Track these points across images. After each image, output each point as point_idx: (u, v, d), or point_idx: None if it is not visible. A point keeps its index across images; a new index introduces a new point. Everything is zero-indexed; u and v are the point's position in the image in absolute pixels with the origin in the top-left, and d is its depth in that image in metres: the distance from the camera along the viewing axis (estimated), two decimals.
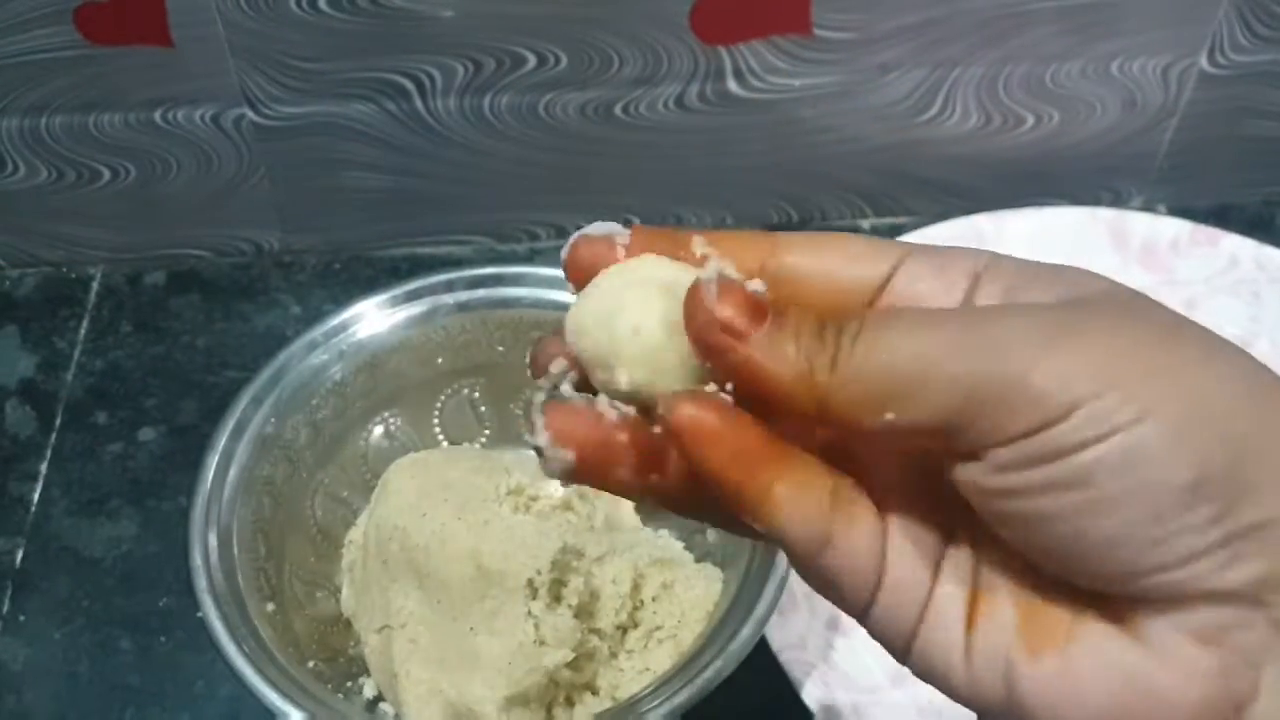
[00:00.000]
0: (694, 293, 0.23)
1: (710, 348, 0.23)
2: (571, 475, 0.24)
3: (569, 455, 0.24)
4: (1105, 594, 0.22)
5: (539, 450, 0.24)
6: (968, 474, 0.22)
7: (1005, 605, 0.23)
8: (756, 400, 0.23)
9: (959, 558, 0.24)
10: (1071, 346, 0.21)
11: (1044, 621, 0.23)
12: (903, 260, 0.25)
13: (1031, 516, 0.22)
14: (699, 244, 0.25)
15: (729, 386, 0.23)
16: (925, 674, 0.24)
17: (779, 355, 0.22)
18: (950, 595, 0.24)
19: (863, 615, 0.24)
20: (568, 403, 0.25)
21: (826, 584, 0.24)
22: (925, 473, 0.24)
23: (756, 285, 0.23)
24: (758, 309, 0.23)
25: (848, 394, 0.22)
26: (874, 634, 0.25)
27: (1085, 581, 0.22)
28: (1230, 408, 0.21)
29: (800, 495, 0.23)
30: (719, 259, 0.24)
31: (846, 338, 0.22)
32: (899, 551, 0.24)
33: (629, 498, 0.25)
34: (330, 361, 0.53)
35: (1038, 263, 0.24)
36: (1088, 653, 0.22)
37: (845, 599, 0.24)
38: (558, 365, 0.25)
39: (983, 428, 0.21)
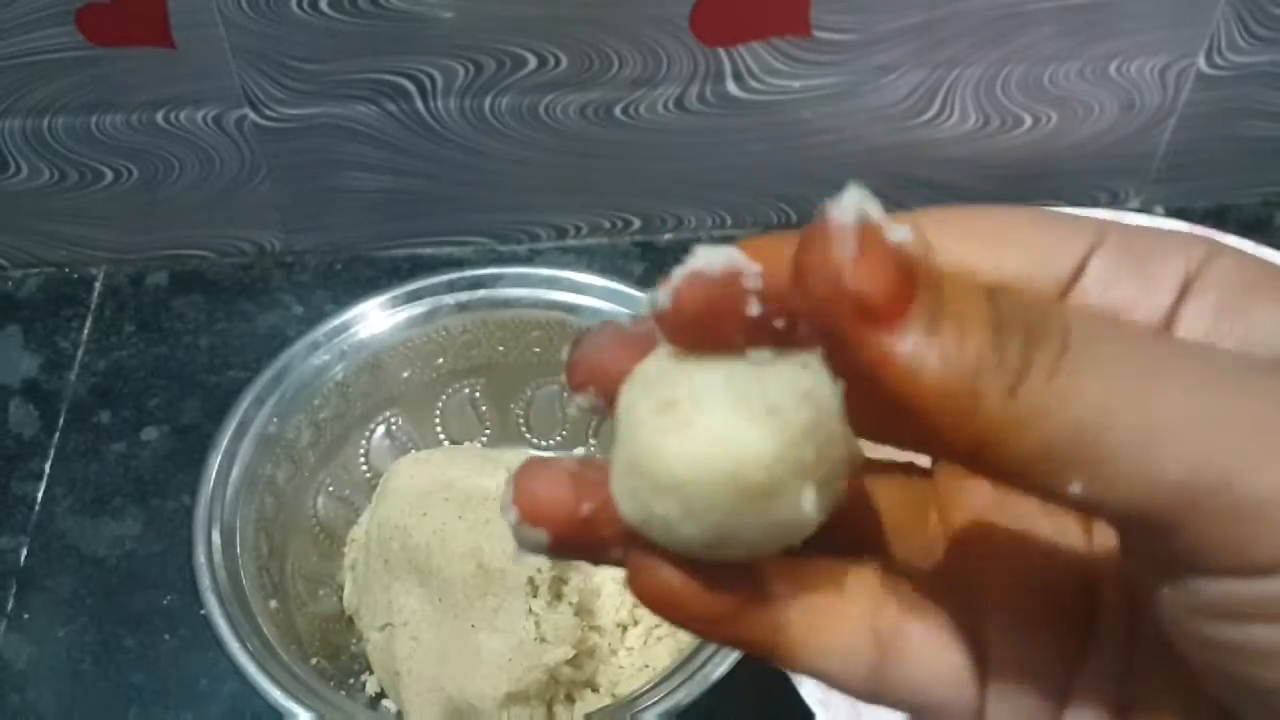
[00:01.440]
0: (818, 239, 0.15)
1: (828, 328, 0.15)
2: (550, 554, 0.18)
3: (541, 535, 0.18)
4: None
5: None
6: (1172, 601, 0.16)
7: None
8: (881, 417, 0.15)
9: (1092, 668, 0.18)
10: None
11: None
12: (1095, 249, 0.19)
13: (1255, 689, 0.16)
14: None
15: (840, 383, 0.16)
16: None
17: (930, 360, 0.15)
18: None
19: None
20: (548, 462, 0.18)
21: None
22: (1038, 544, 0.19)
23: (907, 234, 0.15)
24: (907, 280, 0.15)
25: (1024, 440, 0.15)
26: None
27: None
28: None
29: (828, 626, 0.18)
30: (859, 187, 0.15)
31: (1043, 354, 0.15)
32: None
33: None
34: (332, 361, 0.53)
35: (1263, 262, 0.18)
36: None
37: None
38: (586, 400, 0.18)
39: (1201, 539, 0.15)
